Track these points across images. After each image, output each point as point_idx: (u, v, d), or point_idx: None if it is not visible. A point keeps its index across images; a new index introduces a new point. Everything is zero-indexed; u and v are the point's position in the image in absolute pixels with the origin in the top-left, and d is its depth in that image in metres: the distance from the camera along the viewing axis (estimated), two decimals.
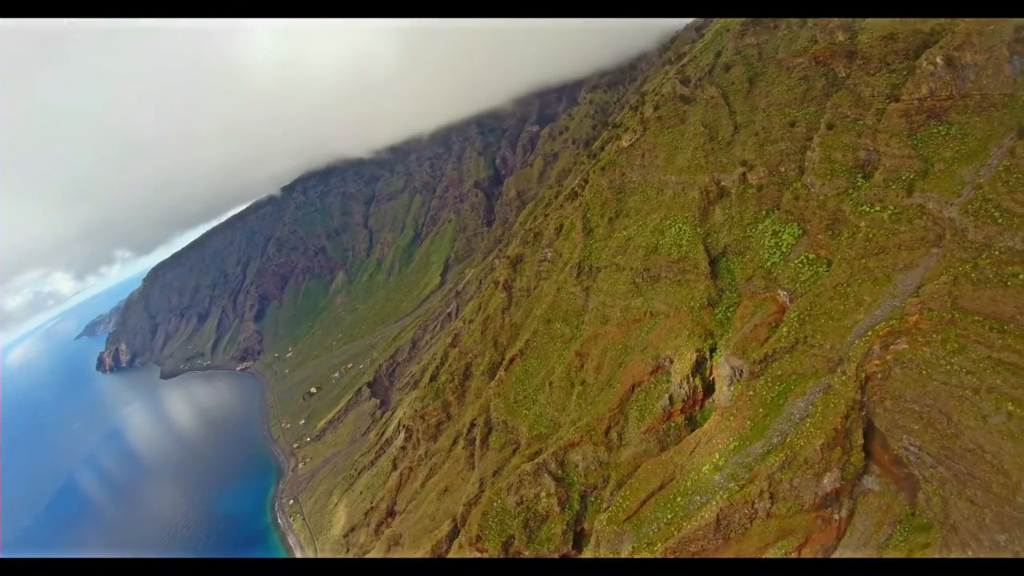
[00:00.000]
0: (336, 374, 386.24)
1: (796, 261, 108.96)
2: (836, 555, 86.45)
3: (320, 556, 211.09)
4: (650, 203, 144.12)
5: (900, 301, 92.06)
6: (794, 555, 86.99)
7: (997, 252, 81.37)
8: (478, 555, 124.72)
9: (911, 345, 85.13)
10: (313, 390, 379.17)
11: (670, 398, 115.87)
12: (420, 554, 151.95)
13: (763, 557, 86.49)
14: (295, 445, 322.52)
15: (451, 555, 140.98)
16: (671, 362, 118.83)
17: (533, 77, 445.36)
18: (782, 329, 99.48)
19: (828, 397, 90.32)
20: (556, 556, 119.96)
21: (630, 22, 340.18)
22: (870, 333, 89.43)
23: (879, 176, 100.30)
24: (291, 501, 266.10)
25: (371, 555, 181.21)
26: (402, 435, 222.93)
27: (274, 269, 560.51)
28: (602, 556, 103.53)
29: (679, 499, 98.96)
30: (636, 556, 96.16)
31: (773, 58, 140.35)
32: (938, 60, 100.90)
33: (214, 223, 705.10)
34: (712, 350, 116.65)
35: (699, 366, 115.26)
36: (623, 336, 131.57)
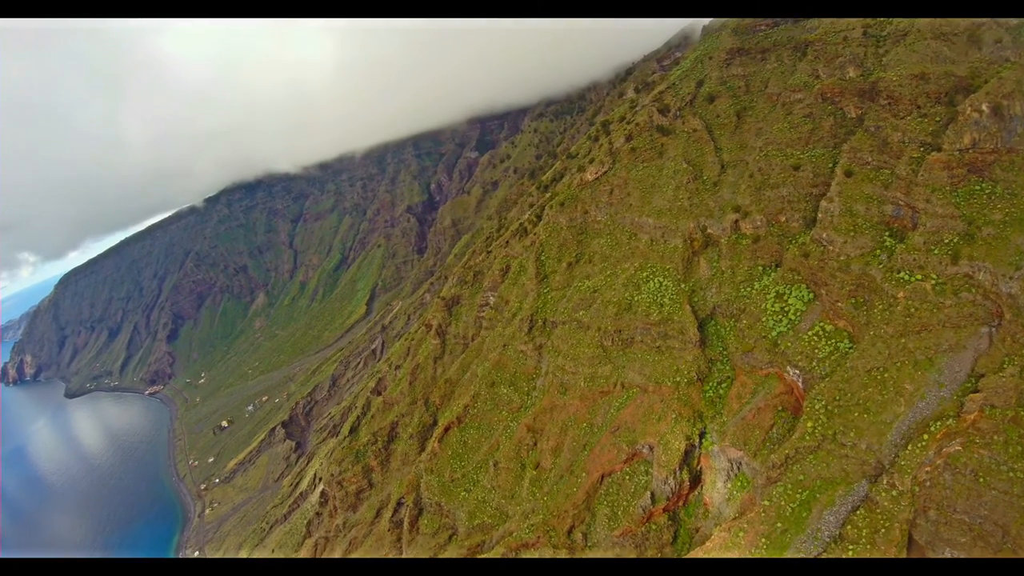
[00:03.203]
0: (250, 407, 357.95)
1: (810, 333, 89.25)
2: None
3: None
4: (620, 249, 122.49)
5: (949, 391, 75.93)
6: None
7: None
8: None
9: (966, 447, 68.95)
10: (224, 424, 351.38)
11: (652, 495, 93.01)
12: None
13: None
14: (203, 486, 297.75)
15: None
16: (651, 449, 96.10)
17: (475, 100, 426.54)
18: (806, 423, 78.73)
19: (873, 516, 71.03)
20: None
21: (583, 49, 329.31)
22: (926, 436, 71.37)
23: (918, 237, 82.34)
24: (196, 552, 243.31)
25: None
26: (318, 493, 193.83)
27: (191, 286, 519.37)
28: None
29: None
30: None
31: (763, 91, 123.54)
32: (984, 107, 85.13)
33: (132, 231, 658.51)
34: (701, 435, 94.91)
35: (687, 455, 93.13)
36: (587, 411, 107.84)
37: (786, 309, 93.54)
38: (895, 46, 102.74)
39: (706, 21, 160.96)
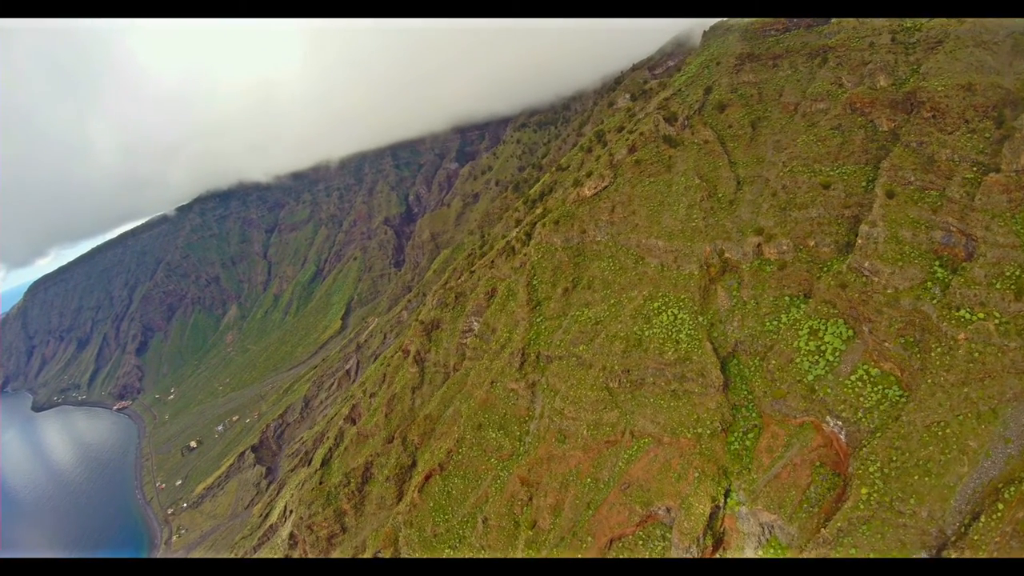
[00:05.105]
0: (220, 427, 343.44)
1: (852, 377, 77.59)
2: None
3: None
4: (625, 275, 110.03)
5: (1016, 448, 65.80)
6: None
7: None
8: None
9: None
10: (193, 444, 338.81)
11: None
12: None
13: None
14: (170, 511, 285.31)
15: None
16: (669, 511, 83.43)
17: (456, 110, 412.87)
18: (859, 490, 66.94)
19: None
20: None
21: (568, 57, 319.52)
22: (1000, 506, 59.31)
23: (978, 270, 71.28)
24: None
25: None
26: (287, 532, 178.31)
27: (161, 297, 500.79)
28: None
29: None
30: None
31: (777, 100, 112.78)
32: None
33: (100, 240, 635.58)
34: (726, 493, 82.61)
35: (712, 517, 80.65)
36: (591, 464, 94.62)
37: (823, 348, 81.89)
38: (932, 53, 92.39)
39: (707, 27, 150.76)
